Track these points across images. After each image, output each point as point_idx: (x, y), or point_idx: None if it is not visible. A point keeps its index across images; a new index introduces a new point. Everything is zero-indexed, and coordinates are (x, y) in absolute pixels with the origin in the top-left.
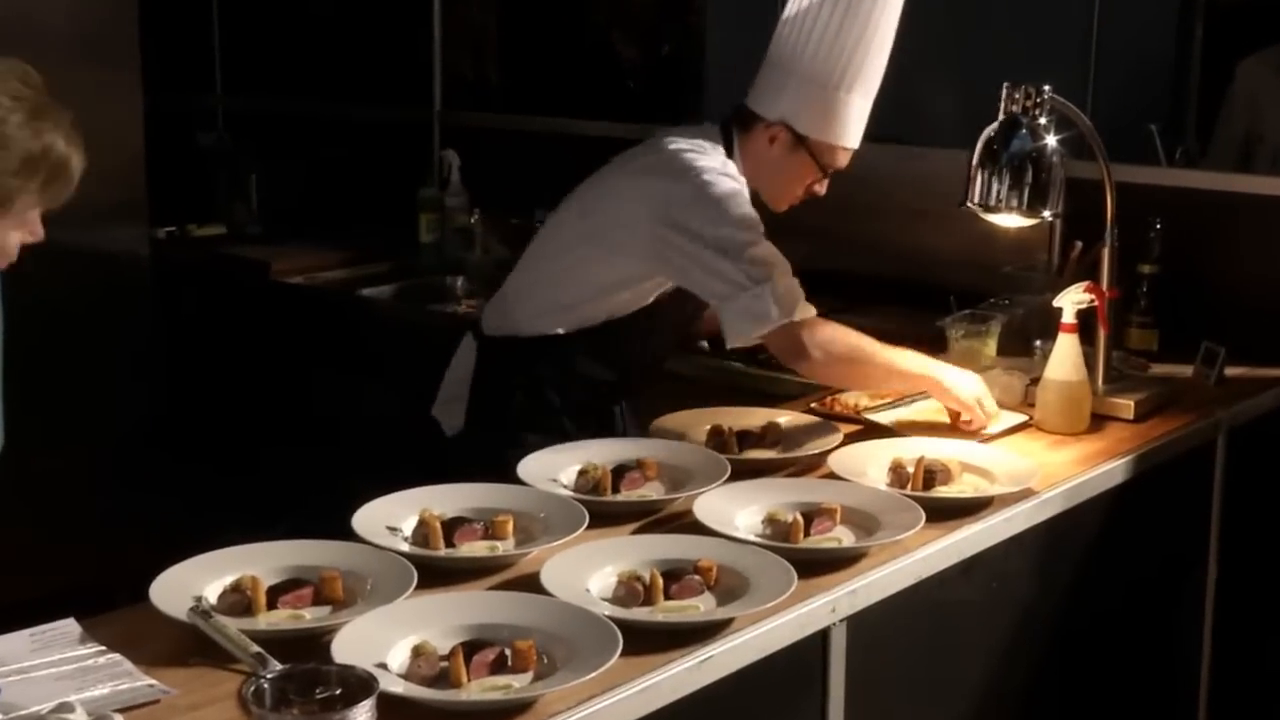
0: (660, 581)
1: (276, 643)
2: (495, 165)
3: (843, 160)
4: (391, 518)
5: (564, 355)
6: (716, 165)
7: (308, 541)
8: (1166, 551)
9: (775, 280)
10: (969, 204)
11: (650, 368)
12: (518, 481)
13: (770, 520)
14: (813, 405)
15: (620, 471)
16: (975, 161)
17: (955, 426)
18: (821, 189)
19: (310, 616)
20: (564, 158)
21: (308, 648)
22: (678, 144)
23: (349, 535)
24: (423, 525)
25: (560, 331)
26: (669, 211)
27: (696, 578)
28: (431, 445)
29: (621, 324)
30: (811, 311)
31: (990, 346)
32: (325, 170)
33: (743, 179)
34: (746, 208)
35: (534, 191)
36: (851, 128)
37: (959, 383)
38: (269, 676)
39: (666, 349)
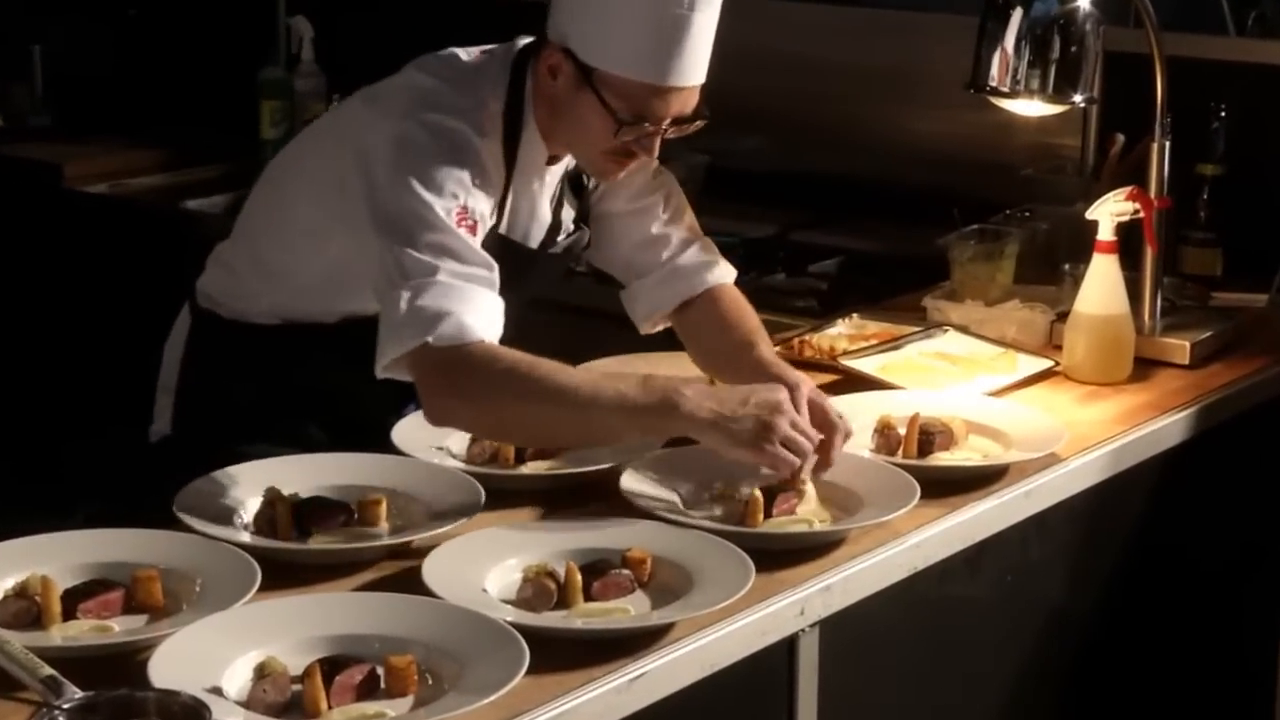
0: (578, 578)
1: (76, 662)
2: (359, 37)
3: (663, 106)
4: (228, 498)
5: (302, 350)
6: (449, 105)
7: (116, 530)
8: (1232, 536)
9: (434, 280)
10: (978, 86)
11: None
12: (393, 451)
13: (721, 497)
14: (776, 349)
15: None
16: (985, 30)
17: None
18: (643, 152)
19: (120, 628)
20: (447, 26)
21: (118, 668)
22: (426, 70)
23: (171, 522)
24: (269, 508)
25: (271, 323)
26: (365, 165)
27: (625, 573)
28: (134, 452)
29: (347, 326)
30: (478, 335)
31: (1006, 272)
32: (135, 42)
33: (485, 143)
34: (450, 173)
35: None
36: (672, 51)
37: (709, 411)
38: (65, 707)
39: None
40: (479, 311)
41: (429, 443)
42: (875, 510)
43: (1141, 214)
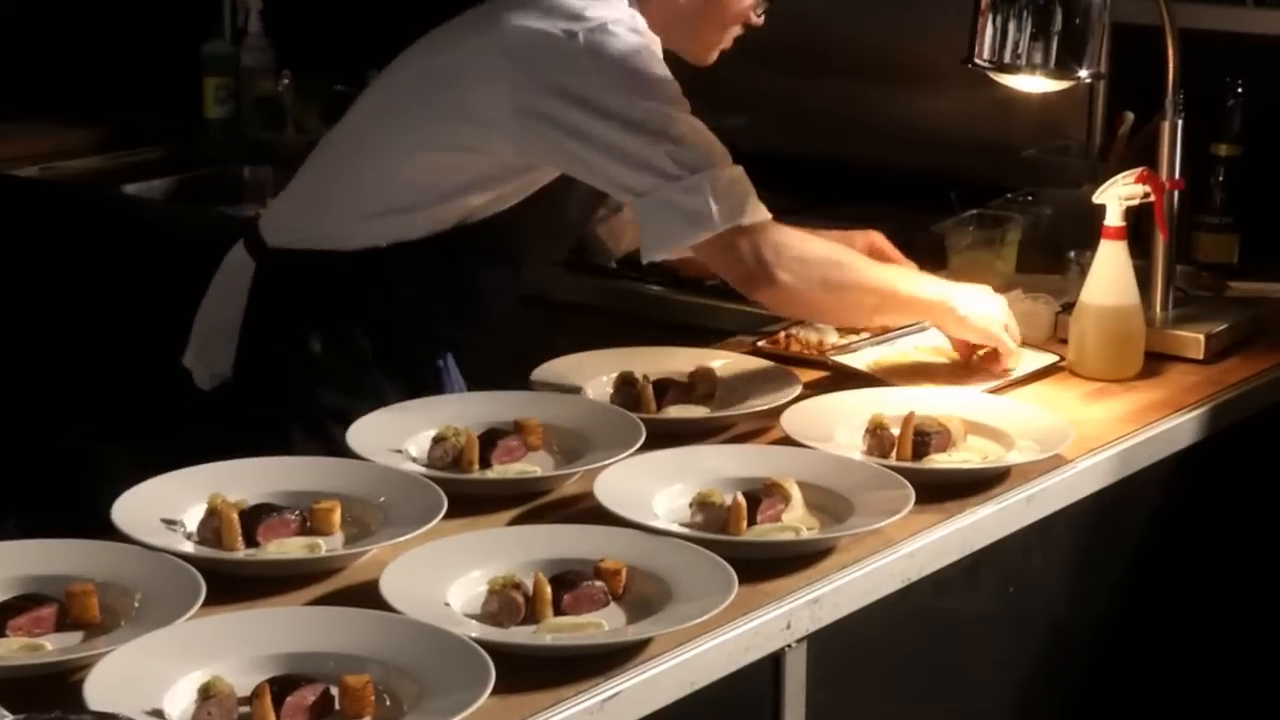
0: (548, 590)
1: (5, 684)
2: (310, 8)
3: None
4: (168, 506)
5: (383, 278)
6: (616, 15)
7: (47, 541)
8: (1248, 543)
9: (716, 168)
10: (976, 61)
11: (502, 302)
12: (347, 454)
13: (702, 503)
14: (760, 344)
15: (491, 438)
16: (982, 0)
17: (971, 367)
18: (760, 18)
19: (54, 646)
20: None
21: (51, 690)
22: None
23: (107, 532)
24: (213, 516)
25: (381, 245)
26: (551, 74)
27: (599, 584)
28: (180, 407)
29: (466, 236)
30: (765, 214)
31: (1007, 260)
32: (68, 13)
33: (654, 35)
34: (663, 70)
35: (365, 47)
36: None
37: (978, 306)
38: None
39: (528, 274)
40: (753, 192)
41: (387, 445)
42: (867, 517)
43: (1152, 197)
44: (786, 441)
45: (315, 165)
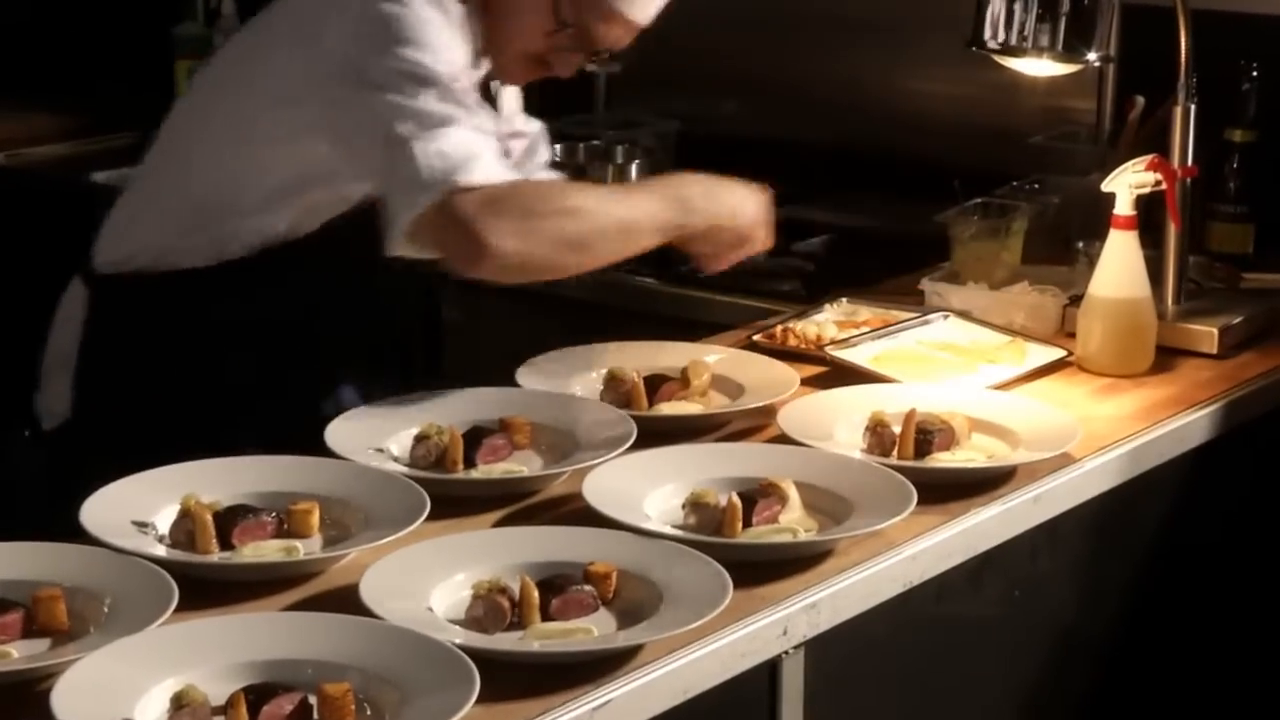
0: (535, 595)
1: None
2: None
3: (607, 34)
4: (139, 507)
5: (222, 297)
6: None
7: (10, 545)
8: (1264, 544)
9: (444, 131)
10: (980, 43)
11: (379, 313)
12: (325, 453)
13: (695, 504)
14: (755, 338)
15: (476, 436)
16: None
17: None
18: (561, 69)
19: (20, 654)
20: None
21: (17, 699)
22: None
23: (75, 534)
24: (186, 518)
25: (214, 261)
26: (329, 47)
27: (588, 589)
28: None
29: (312, 243)
30: (492, 175)
31: (1012, 251)
32: None
33: (457, 6)
34: (443, 37)
35: None
36: None
37: (729, 199)
38: None
39: (398, 283)
40: (500, 160)
41: (367, 444)
42: (867, 518)
43: (1164, 185)
44: (783, 440)
45: (138, 182)
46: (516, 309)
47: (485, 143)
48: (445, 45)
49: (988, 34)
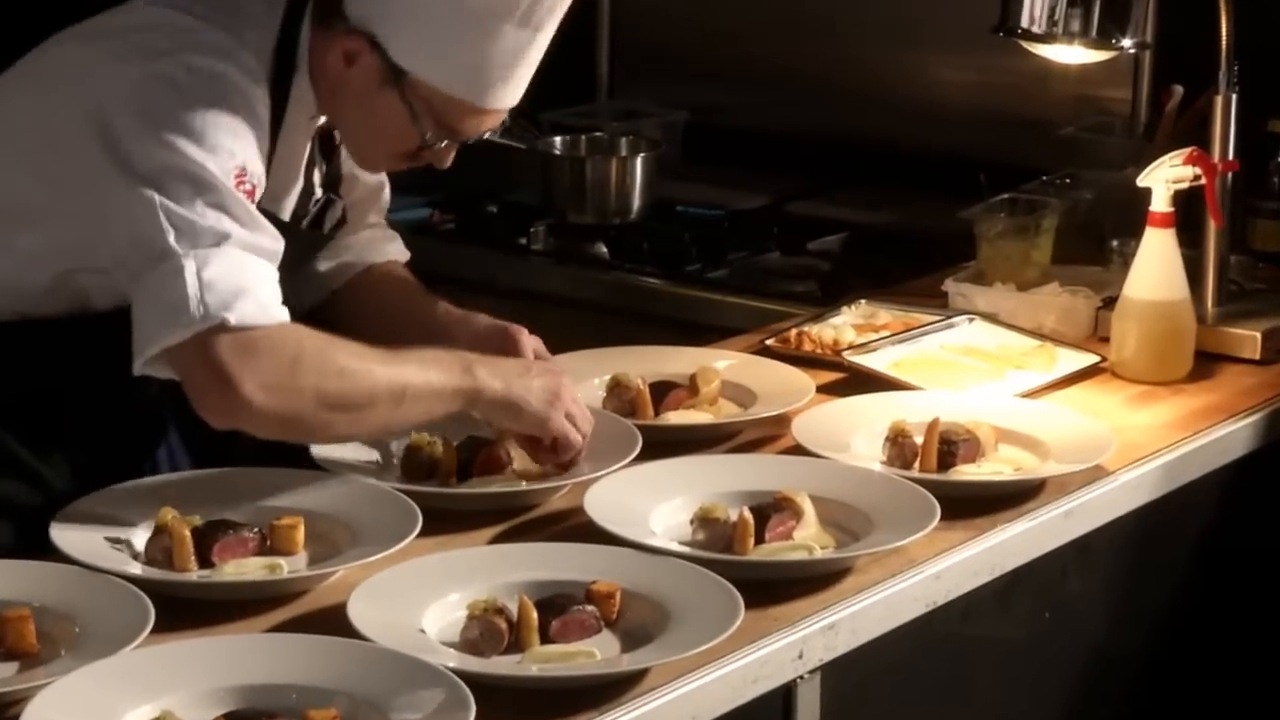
0: (534, 616)
1: None
2: None
3: (477, 125)
4: (113, 523)
5: (14, 359)
6: (211, 44)
7: None
8: None
9: (222, 250)
10: (1008, 28)
11: None
12: (311, 465)
13: (704, 520)
14: (769, 342)
15: (471, 448)
16: None
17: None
18: (436, 162)
19: None
20: None
21: None
22: (168, 2)
23: (45, 551)
24: (163, 534)
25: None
26: (107, 120)
27: (590, 609)
28: None
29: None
30: (262, 318)
31: (1042, 250)
32: None
33: (257, 89)
34: (225, 127)
35: None
36: (506, 74)
37: (519, 387)
38: None
39: None
40: (274, 289)
41: (355, 456)
42: (887, 534)
43: (1203, 180)
44: (798, 451)
45: None
46: (511, 312)
47: (259, 271)
48: (228, 139)
49: (1016, 19)
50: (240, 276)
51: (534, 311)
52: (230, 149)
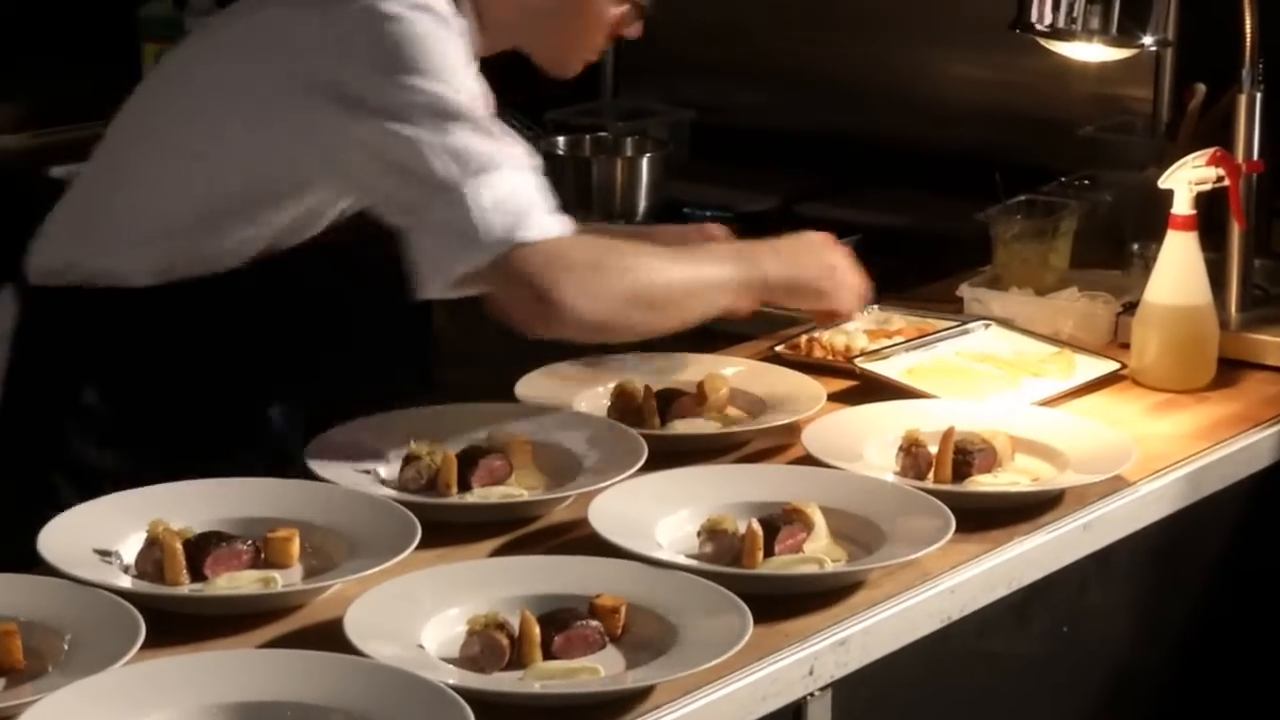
0: (537, 631)
1: None
2: None
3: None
4: (102, 535)
5: (166, 320)
6: None
7: None
8: None
9: (492, 173)
10: (1024, 26)
11: (335, 349)
12: (307, 475)
13: (711, 532)
14: (778, 349)
15: (471, 457)
16: None
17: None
18: (638, 26)
19: None
20: None
21: None
22: None
23: (32, 563)
24: (154, 546)
25: (160, 280)
26: (316, 66)
27: (594, 624)
28: None
29: (270, 267)
30: (552, 229)
31: (1060, 253)
32: None
33: (458, 20)
34: (457, 61)
35: None
36: None
37: (814, 263)
38: None
39: (360, 312)
40: (550, 200)
41: (352, 465)
42: (900, 547)
43: (1227, 181)
44: (808, 461)
45: (80, 186)
46: None
47: (535, 185)
48: (458, 69)
49: (1033, 15)
50: (523, 196)
51: None
52: (464, 75)
